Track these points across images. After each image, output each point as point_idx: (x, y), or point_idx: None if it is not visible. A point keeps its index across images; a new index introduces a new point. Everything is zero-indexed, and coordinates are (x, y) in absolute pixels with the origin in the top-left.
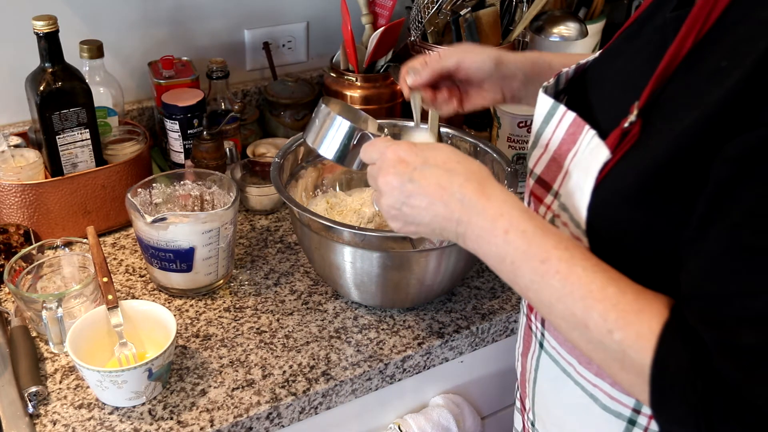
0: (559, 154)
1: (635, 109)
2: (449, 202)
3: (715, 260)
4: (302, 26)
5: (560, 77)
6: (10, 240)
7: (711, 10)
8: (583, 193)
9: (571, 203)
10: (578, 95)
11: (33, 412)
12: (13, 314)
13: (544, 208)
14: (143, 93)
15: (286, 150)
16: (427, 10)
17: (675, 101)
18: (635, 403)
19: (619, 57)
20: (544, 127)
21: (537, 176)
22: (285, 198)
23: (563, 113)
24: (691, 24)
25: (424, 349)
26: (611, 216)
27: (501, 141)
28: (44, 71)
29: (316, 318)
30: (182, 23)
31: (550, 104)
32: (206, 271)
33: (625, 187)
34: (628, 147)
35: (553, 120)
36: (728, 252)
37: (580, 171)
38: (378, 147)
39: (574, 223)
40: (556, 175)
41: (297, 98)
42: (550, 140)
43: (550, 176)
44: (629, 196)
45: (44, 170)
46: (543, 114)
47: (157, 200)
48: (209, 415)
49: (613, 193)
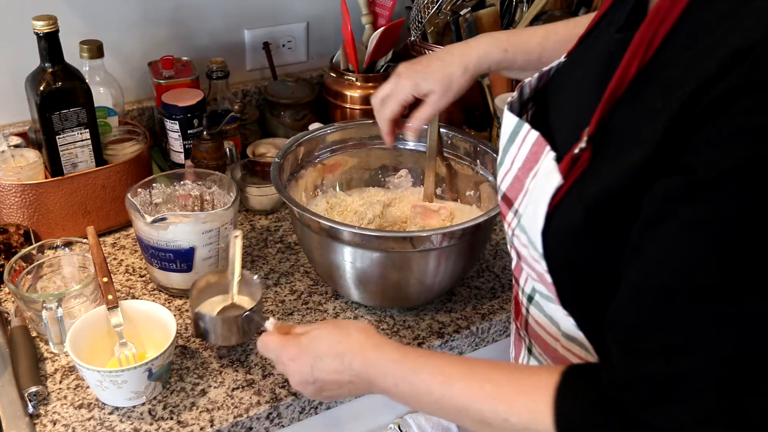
0: (522, 173)
1: (585, 136)
2: (351, 379)
3: (633, 292)
4: (302, 26)
5: (523, 89)
6: (10, 240)
7: (651, 41)
8: (538, 220)
9: (529, 226)
10: (543, 106)
11: (33, 412)
12: (13, 314)
13: (506, 225)
14: (143, 93)
15: (286, 150)
16: (427, 10)
17: (621, 132)
18: None
19: (578, 67)
20: (509, 145)
21: (503, 193)
22: (285, 198)
23: (527, 132)
24: (633, 52)
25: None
26: (562, 245)
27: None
28: (44, 71)
29: (316, 318)
30: (182, 23)
31: (514, 122)
32: (206, 271)
33: (573, 221)
34: (578, 174)
35: (518, 138)
36: (643, 287)
37: (537, 195)
38: (269, 345)
39: (531, 246)
40: (518, 194)
41: (297, 98)
42: (515, 158)
43: (512, 194)
44: (577, 230)
45: (44, 170)
46: (508, 132)
47: (157, 200)
48: (209, 415)
49: (563, 226)
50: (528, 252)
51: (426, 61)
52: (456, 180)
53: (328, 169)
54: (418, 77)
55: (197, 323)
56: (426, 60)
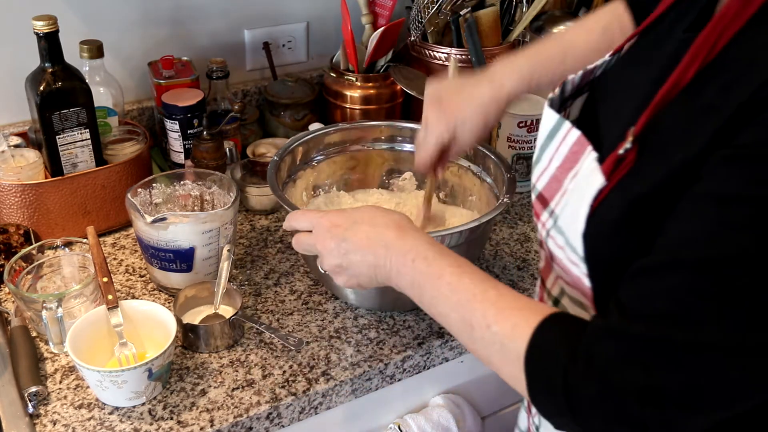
0: (560, 172)
1: (630, 136)
2: (377, 250)
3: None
4: (302, 26)
5: (565, 86)
6: (10, 240)
7: (717, 41)
8: (579, 222)
9: (567, 228)
10: (591, 105)
11: (33, 412)
12: (13, 314)
13: (540, 225)
14: (143, 93)
15: (285, 149)
16: (427, 10)
17: (670, 132)
18: None
19: (633, 67)
20: (548, 142)
21: (538, 192)
22: (278, 197)
23: (568, 130)
24: (695, 53)
25: (424, 349)
26: (602, 246)
27: (501, 141)
28: (44, 71)
29: (316, 318)
30: (182, 23)
31: (555, 119)
32: (206, 271)
33: (614, 218)
34: (622, 175)
35: (557, 136)
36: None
37: (577, 196)
38: (310, 217)
39: (570, 248)
40: (555, 194)
41: (297, 98)
42: (553, 157)
43: (549, 193)
44: (618, 226)
45: (44, 170)
46: (548, 129)
47: (157, 200)
48: (209, 415)
49: (604, 225)
50: (564, 254)
51: (456, 105)
52: (455, 182)
53: (328, 169)
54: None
55: (186, 334)
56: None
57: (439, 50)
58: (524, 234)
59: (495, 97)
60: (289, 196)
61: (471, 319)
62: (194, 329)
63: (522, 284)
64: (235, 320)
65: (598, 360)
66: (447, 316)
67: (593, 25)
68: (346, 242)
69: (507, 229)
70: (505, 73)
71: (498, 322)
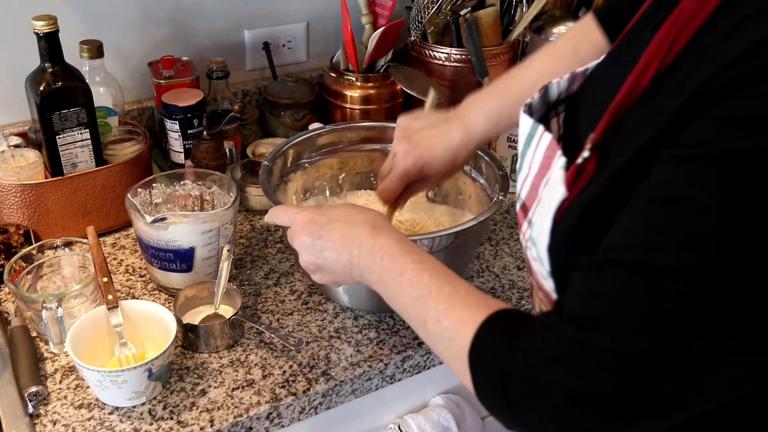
0: (537, 180)
1: (588, 143)
2: (351, 249)
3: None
4: (302, 26)
5: (549, 90)
6: (10, 240)
7: (674, 41)
8: (544, 234)
9: (538, 239)
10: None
11: (33, 412)
12: (13, 314)
13: (521, 236)
14: (143, 93)
15: (275, 153)
16: (427, 10)
17: (623, 137)
18: None
19: (608, 69)
20: (526, 149)
21: (522, 201)
22: (273, 202)
23: (541, 134)
24: (652, 54)
25: (424, 349)
26: (566, 257)
27: (501, 141)
28: (44, 71)
29: (316, 318)
30: (182, 23)
31: (530, 125)
32: (206, 271)
33: (571, 225)
34: (582, 185)
35: (533, 141)
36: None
37: (545, 207)
38: (289, 212)
39: (539, 261)
40: (533, 202)
41: (297, 98)
42: (532, 163)
43: (530, 202)
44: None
45: (44, 170)
46: (524, 135)
47: (157, 200)
48: (209, 415)
49: (564, 234)
50: (538, 267)
51: (426, 143)
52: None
53: (318, 172)
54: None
55: (186, 334)
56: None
57: (439, 50)
58: None
59: (464, 142)
60: (281, 200)
61: (425, 314)
62: (194, 329)
63: (522, 284)
64: (235, 320)
65: (532, 356)
66: (406, 311)
67: (561, 49)
68: (322, 240)
69: (507, 229)
70: (476, 117)
71: (448, 317)
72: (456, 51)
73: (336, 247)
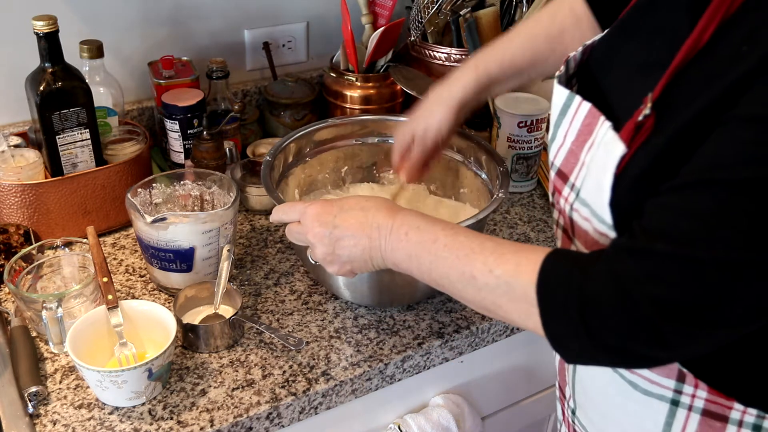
0: (576, 146)
1: (649, 102)
2: (370, 233)
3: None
4: (302, 26)
5: (569, 63)
6: (10, 240)
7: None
8: (603, 191)
9: (592, 200)
10: (589, 79)
11: (33, 412)
12: (13, 314)
13: (563, 200)
14: (143, 93)
15: (277, 148)
16: (427, 10)
17: (690, 88)
18: (676, 384)
19: (632, 37)
20: (561, 119)
21: (557, 168)
22: (274, 198)
23: (579, 104)
24: (711, 15)
25: (424, 349)
26: (632, 206)
27: (501, 141)
28: (44, 71)
29: (316, 318)
30: (182, 23)
31: (565, 95)
32: (206, 271)
33: (638, 174)
34: (642, 139)
35: (569, 111)
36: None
37: (598, 167)
38: (297, 207)
39: (597, 218)
40: (573, 167)
41: (297, 98)
42: (568, 131)
43: (568, 168)
44: (645, 179)
45: (44, 170)
46: (559, 105)
47: (157, 200)
48: (209, 415)
49: (630, 182)
50: (591, 225)
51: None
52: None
53: (320, 166)
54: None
55: (186, 334)
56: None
57: (439, 50)
58: (524, 234)
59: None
60: (283, 196)
61: (472, 270)
62: (194, 329)
63: None
64: (235, 320)
65: (619, 275)
66: (447, 276)
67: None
68: (338, 229)
69: (507, 229)
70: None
71: (500, 265)
72: (456, 51)
73: (354, 234)
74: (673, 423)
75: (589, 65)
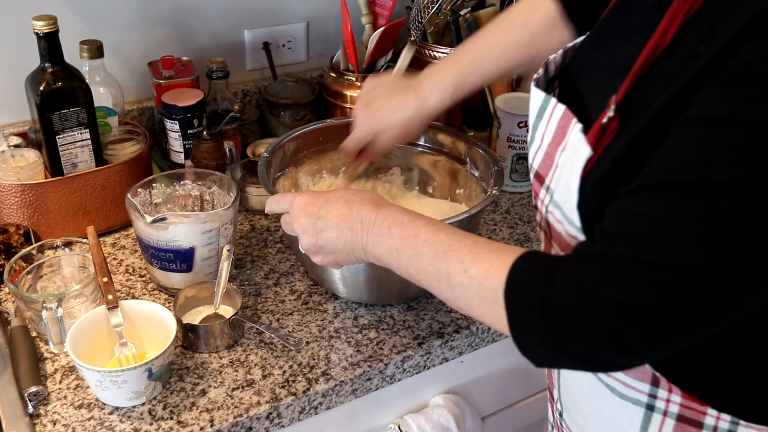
0: (551, 148)
1: (612, 104)
2: (353, 225)
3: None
4: (302, 26)
5: (548, 66)
6: (10, 240)
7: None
8: (572, 193)
9: (563, 201)
10: (569, 82)
11: (33, 412)
12: (13, 314)
13: (540, 202)
14: (143, 93)
15: (275, 146)
16: (427, 10)
17: (651, 89)
18: (650, 388)
19: (609, 38)
20: (538, 121)
21: (535, 170)
22: (268, 190)
23: (554, 106)
24: (673, 15)
25: (424, 349)
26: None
27: (501, 141)
28: (44, 71)
29: (316, 318)
30: (182, 23)
31: (541, 98)
32: (206, 271)
33: (603, 174)
34: (607, 142)
35: (545, 114)
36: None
37: (567, 169)
38: (286, 198)
39: (568, 221)
40: (549, 170)
41: (297, 98)
42: (544, 134)
43: (544, 170)
44: (608, 181)
45: (44, 170)
46: (536, 108)
47: (157, 200)
48: (209, 415)
49: (595, 184)
50: (563, 228)
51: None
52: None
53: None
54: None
55: (186, 334)
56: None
57: (439, 50)
58: (524, 234)
59: (418, 112)
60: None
61: (448, 268)
62: (194, 329)
63: None
64: (235, 320)
65: (580, 281)
66: (425, 271)
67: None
68: (322, 220)
69: (507, 229)
70: (432, 90)
71: (474, 265)
72: None
73: (337, 225)
74: (648, 428)
75: (569, 68)
